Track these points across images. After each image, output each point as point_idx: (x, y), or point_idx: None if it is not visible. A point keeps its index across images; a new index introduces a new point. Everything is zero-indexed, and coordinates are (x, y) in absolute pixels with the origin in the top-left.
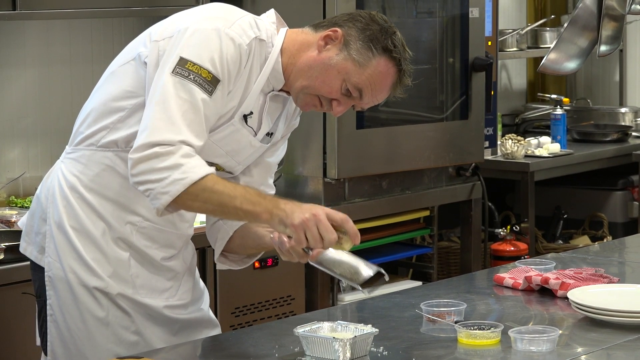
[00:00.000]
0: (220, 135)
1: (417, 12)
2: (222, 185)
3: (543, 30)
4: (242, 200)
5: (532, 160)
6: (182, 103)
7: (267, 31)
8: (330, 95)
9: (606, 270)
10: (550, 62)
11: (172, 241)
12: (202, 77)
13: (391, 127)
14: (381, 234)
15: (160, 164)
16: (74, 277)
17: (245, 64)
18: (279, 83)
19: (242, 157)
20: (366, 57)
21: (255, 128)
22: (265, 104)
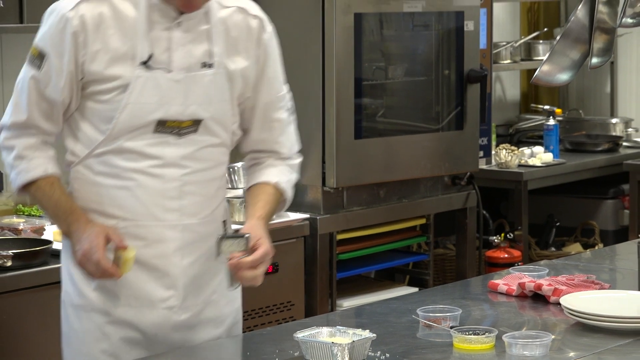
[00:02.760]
0: (137, 94)
1: (414, 25)
2: (41, 193)
3: (536, 43)
4: (51, 213)
5: (526, 170)
6: (18, 87)
7: None
8: None
9: (598, 276)
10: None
11: (163, 235)
12: (32, 56)
13: (388, 137)
14: (379, 242)
15: (5, 158)
16: (64, 297)
17: (81, 24)
18: (165, 8)
19: (185, 100)
20: None
21: (166, 65)
22: (170, 37)
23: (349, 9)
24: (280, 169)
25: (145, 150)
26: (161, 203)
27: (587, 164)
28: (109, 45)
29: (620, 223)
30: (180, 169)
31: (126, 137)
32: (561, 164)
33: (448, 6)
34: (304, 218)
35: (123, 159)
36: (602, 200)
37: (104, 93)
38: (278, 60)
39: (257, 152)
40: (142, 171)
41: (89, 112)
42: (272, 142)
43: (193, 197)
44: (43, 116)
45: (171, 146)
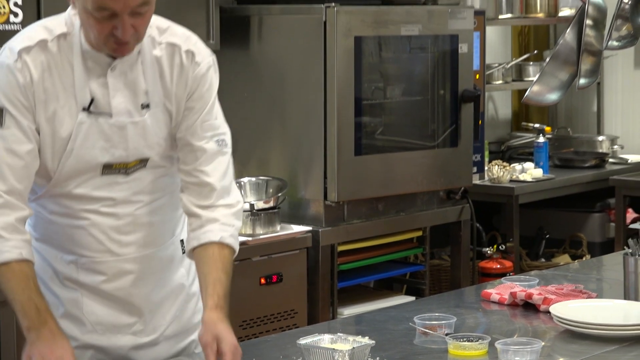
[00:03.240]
0: (81, 140)
1: (411, 48)
2: (13, 278)
3: (527, 65)
4: (18, 306)
5: (517, 185)
6: None
7: (65, 23)
8: (102, 33)
9: (585, 286)
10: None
11: (121, 268)
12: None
13: (387, 154)
14: (377, 253)
15: None
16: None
17: (28, 74)
18: (97, 55)
19: (129, 144)
20: None
21: (107, 110)
22: (106, 83)
23: (349, 32)
24: (222, 222)
25: (95, 194)
26: (117, 239)
27: (575, 179)
28: (49, 94)
29: (606, 235)
30: (132, 204)
31: (74, 184)
32: (550, 179)
33: (443, 30)
34: (307, 230)
35: (74, 201)
36: (589, 214)
37: (49, 141)
38: (210, 91)
39: (188, 186)
40: (94, 211)
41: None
42: (197, 172)
43: (148, 228)
44: (17, 177)
45: (120, 185)
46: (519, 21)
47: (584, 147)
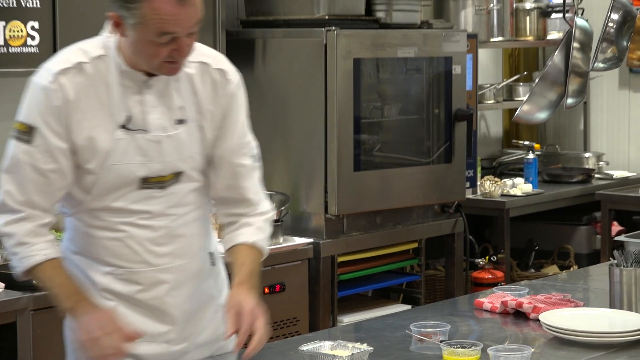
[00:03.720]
0: (121, 155)
1: (407, 69)
2: (44, 275)
3: (517, 85)
4: (55, 291)
5: (508, 199)
6: (9, 166)
7: (102, 46)
8: (160, 57)
9: (573, 295)
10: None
11: (157, 278)
12: (20, 131)
13: (384, 170)
14: (375, 264)
15: (5, 244)
16: (71, 334)
17: (63, 96)
18: (135, 73)
19: (165, 157)
20: (136, 16)
21: (143, 127)
22: (142, 101)
23: (348, 54)
24: (255, 227)
25: (132, 207)
26: (152, 250)
27: (563, 194)
28: (86, 113)
29: (592, 247)
30: (166, 217)
31: (112, 197)
32: (539, 194)
33: (438, 52)
34: (308, 242)
35: (112, 215)
36: (577, 227)
37: (88, 158)
38: (242, 108)
39: (227, 201)
40: (131, 223)
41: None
42: (239, 189)
43: (181, 239)
44: (38, 192)
45: (156, 199)
46: (510, 44)
47: (571, 164)
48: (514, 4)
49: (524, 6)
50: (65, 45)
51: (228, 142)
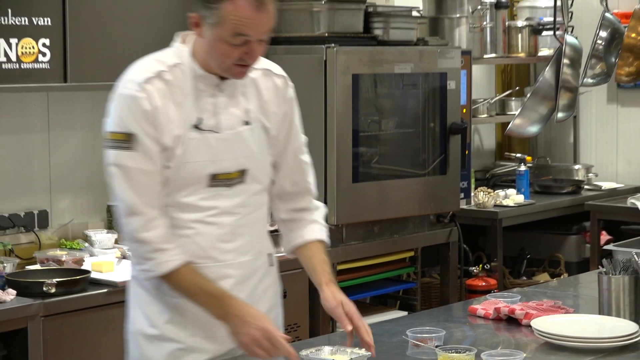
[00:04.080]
0: (193, 153)
1: (404, 84)
2: (185, 280)
3: (509, 100)
4: (201, 300)
5: (501, 209)
6: (118, 173)
7: (175, 55)
8: (231, 58)
9: (563, 302)
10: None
11: (222, 273)
12: (119, 141)
13: (382, 181)
14: (373, 272)
15: (136, 251)
16: (135, 327)
17: (150, 102)
18: (209, 77)
19: (232, 155)
20: (216, 16)
21: (215, 127)
22: (215, 102)
23: (347, 70)
24: (320, 224)
25: (201, 204)
26: (218, 246)
27: (553, 204)
28: (168, 117)
29: (582, 255)
30: (232, 215)
31: (183, 194)
32: (531, 204)
33: (433, 68)
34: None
35: (182, 212)
36: (567, 236)
37: (169, 158)
38: (298, 112)
39: (291, 196)
40: (200, 220)
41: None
42: (304, 183)
43: (244, 237)
44: (151, 193)
45: (223, 197)
46: (502, 60)
47: (561, 175)
48: (507, 21)
49: (515, 24)
50: (75, 61)
51: (292, 142)
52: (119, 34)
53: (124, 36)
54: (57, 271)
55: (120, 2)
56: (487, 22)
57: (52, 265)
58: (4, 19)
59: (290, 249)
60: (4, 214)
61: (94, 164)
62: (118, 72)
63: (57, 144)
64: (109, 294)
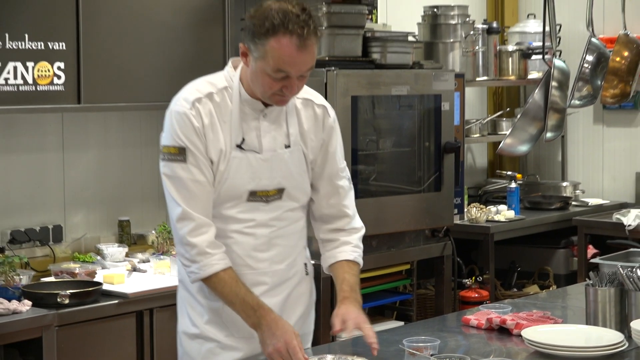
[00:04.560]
0: (234, 170)
1: (400, 106)
2: (225, 286)
3: (500, 120)
4: (238, 308)
5: (492, 224)
6: (173, 183)
7: (225, 79)
8: (272, 89)
9: (552, 313)
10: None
11: (257, 280)
12: (171, 154)
13: (379, 198)
14: (371, 283)
15: (185, 254)
16: (180, 327)
17: (200, 119)
18: (254, 102)
19: (271, 174)
20: (261, 50)
21: (257, 149)
22: (258, 126)
23: (347, 92)
24: (353, 245)
25: (239, 216)
26: (254, 255)
27: (542, 220)
28: (216, 134)
29: (570, 268)
30: (268, 228)
31: (224, 207)
32: (521, 220)
33: (428, 90)
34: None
35: (222, 223)
36: (555, 250)
37: (214, 172)
38: (339, 139)
39: (328, 218)
40: (238, 231)
41: None
42: (339, 206)
43: (278, 248)
44: (202, 201)
45: (261, 211)
46: (494, 83)
47: (550, 192)
48: (498, 46)
49: (506, 48)
50: (89, 82)
51: (329, 167)
52: (130, 58)
53: (134, 60)
54: (70, 283)
55: (131, 29)
56: (479, 47)
57: (66, 278)
58: (21, 43)
59: (326, 268)
60: (20, 229)
61: (106, 181)
62: (129, 94)
63: (71, 162)
64: (119, 304)
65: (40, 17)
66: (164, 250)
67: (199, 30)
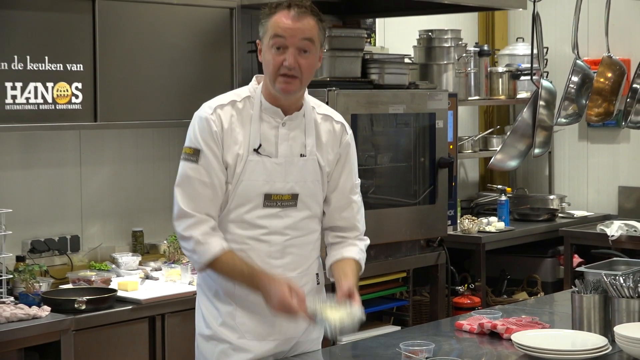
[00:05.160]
0: (249, 173)
1: (397, 123)
2: (224, 266)
3: (491, 137)
4: (241, 283)
5: (484, 235)
6: (181, 181)
7: (249, 90)
8: (275, 66)
9: (540, 318)
10: (497, 161)
11: None
12: (187, 154)
13: (378, 209)
14: (370, 290)
15: (186, 247)
16: (197, 329)
17: (220, 124)
18: (274, 110)
19: (285, 178)
20: (265, 27)
21: (273, 154)
22: (277, 134)
23: (347, 110)
24: (359, 248)
25: (257, 222)
26: (268, 262)
27: (531, 230)
28: (234, 139)
29: (557, 276)
30: (282, 236)
31: (242, 210)
32: (511, 230)
33: (423, 109)
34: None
35: (240, 228)
36: (543, 259)
37: (231, 175)
38: (354, 156)
39: (340, 229)
40: (254, 238)
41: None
42: (352, 219)
43: (292, 256)
44: (205, 200)
45: (276, 218)
46: (485, 102)
47: (538, 204)
48: (489, 67)
49: (497, 70)
50: (105, 101)
51: (343, 181)
52: (143, 79)
53: (147, 81)
54: (87, 290)
55: (144, 51)
56: (471, 68)
57: (83, 285)
58: (42, 65)
59: (329, 265)
60: (40, 239)
61: (121, 194)
62: (143, 113)
63: (87, 176)
64: (133, 310)
65: (59, 41)
66: (175, 259)
67: (208, 52)
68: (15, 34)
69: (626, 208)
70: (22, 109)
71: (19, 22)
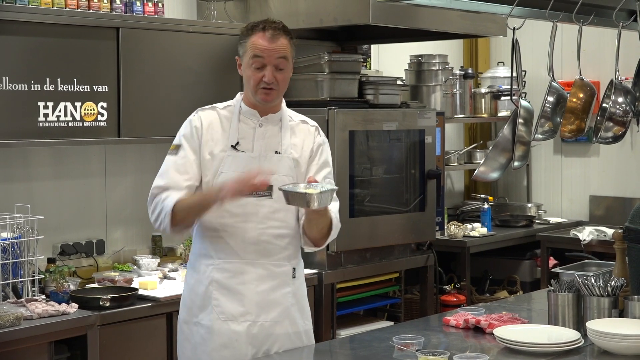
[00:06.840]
0: (228, 166)
1: (390, 139)
2: (182, 208)
3: (475, 151)
4: (200, 209)
5: (468, 239)
6: (162, 170)
7: (230, 102)
8: (255, 81)
9: (519, 314)
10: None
11: (243, 269)
12: (172, 150)
13: (373, 216)
14: (366, 289)
15: (152, 215)
16: (181, 316)
17: (200, 123)
18: (252, 112)
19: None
20: (244, 47)
21: (249, 150)
22: (254, 133)
23: (345, 127)
24: (333, 212)
25: (233, 210)
26: (243, 247)
27: (511, 235)
28: (213, 137)
29: (534, 276)
30: (258, 223)
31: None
32: (493, 235)
33: (414, 126)
34: (314, 272)
35: (219, 217)
36: (522, 261)
37: (207, 170)
38: (326, 158)
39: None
40: (231, 225)
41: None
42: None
43: (267, 245)
44: (176, 185)
45: (253, 207)
46: (469, 119)
47: (517, 212)
48: (472, 89)
49: (480, 90)
50: (127, 119)
51: (316, 174)
52: (162, 99)
53: (166, 101)
54: (111, 289)
55: (162, 74)
56: (457, 89)
57: (107, 284)
58: (71, 86)
59: (302, 225)
60: (69, 243)
61: (142, 202)
62: (162, 129)
63: (111, 186)
64: (152, 307)
65: (86, 65)
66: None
67: (219, 75)
68: (47, 59)
69: (596, 215)
70: (53, 126)
71: (51, 48)
